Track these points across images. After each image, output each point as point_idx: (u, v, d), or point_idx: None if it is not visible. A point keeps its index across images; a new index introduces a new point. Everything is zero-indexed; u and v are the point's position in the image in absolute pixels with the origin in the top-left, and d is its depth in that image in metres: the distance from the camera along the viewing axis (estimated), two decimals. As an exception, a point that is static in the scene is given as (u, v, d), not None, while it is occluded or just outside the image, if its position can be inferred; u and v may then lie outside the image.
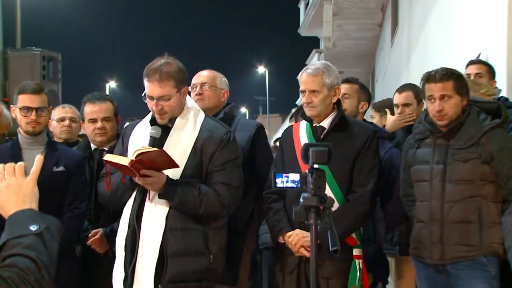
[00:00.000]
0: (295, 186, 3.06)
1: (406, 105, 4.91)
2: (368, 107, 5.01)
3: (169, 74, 3.59)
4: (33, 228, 1.84)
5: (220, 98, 4.50)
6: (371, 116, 5.83)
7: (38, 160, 2.12)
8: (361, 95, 4.84)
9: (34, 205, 1.98)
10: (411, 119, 4.78)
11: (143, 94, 3.67)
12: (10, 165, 2.04)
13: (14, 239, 1.82)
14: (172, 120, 3.68)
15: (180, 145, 3.63)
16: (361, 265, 3.89)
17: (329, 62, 4.31)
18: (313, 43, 24.41)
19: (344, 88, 4.72)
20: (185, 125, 3.69)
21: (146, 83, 3.63)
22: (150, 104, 3.64)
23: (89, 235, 4.26)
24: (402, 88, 5.05)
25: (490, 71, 5.16)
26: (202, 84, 4.41)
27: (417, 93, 4.88)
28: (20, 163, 2.07)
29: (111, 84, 45.41)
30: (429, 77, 3.85)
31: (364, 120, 4.84)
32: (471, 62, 5.32)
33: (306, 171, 3.00)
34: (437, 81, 3.81)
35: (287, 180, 3.05)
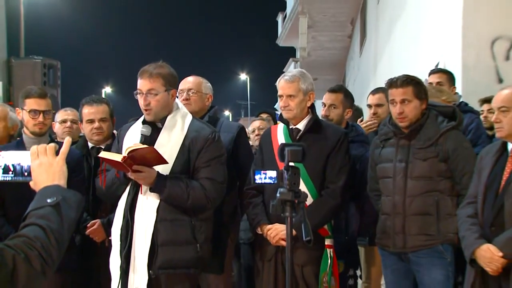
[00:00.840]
0: (272, 182, 3.08)
1: (378, 105, 4.92)
2: (352, 112, 4.97)
3: (160, 74, 3.63)
4: (49, 200, 1.86)
5: (205, 102, 4.49)
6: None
7: (67, 141, 2.16)
8: (346, 103, 4.75)
9: (62, 181, 2.00)
10: (374, 126, 4.81)
11: (135, 92, 3.69)
12: (42, 146, 2.07)
13: (32, 211, 1.85)
14: (163, 121, 3.68)
15: (170, 143, 3.63)
16: (332, 254, 3.89)
17: (304, 70, 4.32)
18: (290, 52, 24.44)
19: (330, 99, 4.70)
20: (174, 125, 3.68)
21: (138, 80, 3.66)
22: (140, 99, 3.65)
23: (88, 225, 4.23)
24: (376, 91, 5.06)
25: (450, 78, 5.16)
26: (189, 90, 4.40)
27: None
28: (51, 144, 2.10)
29: (107, 90, 45.13)
30: (391, 83, 3.89)
31: (347, 123, 4.82)
32: (432, 72, 5.32)
33: (283, 168, 3.01)
34: (398, 87, 3.84)
35: (265, 177, 3.06)
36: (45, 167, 2.02)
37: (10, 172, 2.13)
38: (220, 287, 4.30)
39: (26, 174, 2.11)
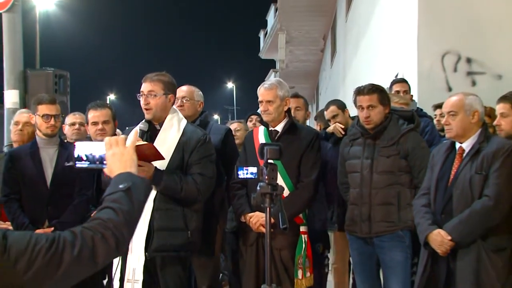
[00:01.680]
0: (253, 177, 3.06)
1: (334, 117, 4.91)
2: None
3: (160, 80, 3.63)
4: (121, 186, 1.84)
5: (197, 108, 4.48)
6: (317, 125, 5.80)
7: (134, 132, 2.16)
8: (306, 106, 4.85)
9: (133, 169, 1.97)
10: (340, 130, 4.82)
11: (137, 94, 3.67)
12: (114, 137, 2.04)
13: (107, 196, 1.83)
14: (161, 123, 3.66)
15: (167, 142, 3.61)
16: (306, 239, 3.89)
17: (282, 79, 4.31)
18: (271, 64, 24.35)
19: (296, 102, 4.72)
20: (171, 127, 3.66)
21: (142, 85, 3.64)
22: (141, 100, 3.64)
23: (92, 214, 4.18)
24: (327, 106, 5.02)
25: (409, 87, 5.23)
26: (183, 97, 4.39)
27: (339, 105, 4.91)
28: (122, 136, 2.08)
29: (111, 97, 44.81)
30: (359, 91, 3.91)
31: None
32: (398, 81, 5.36)
33: (262, 165, 3.00)
34: (364, 94, 3.86)
35: (247, 172, 3.04)
36: (118, 157, 1.99)
37: (84, 161, 2.14)
38: (209, 267, 4.28)
39: (98, 162, 2.11)
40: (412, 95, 5.25)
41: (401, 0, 7.13)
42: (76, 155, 2.15)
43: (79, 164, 2.15)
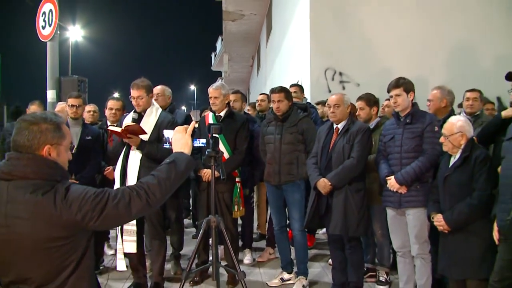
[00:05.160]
0: (203, 145, 2.93)
1: (262, 100, 4.93)
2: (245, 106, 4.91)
3: (143, 86, 3.47)
4: (168, 160, 1.69)
5: (167, 100, 4.32)
6: (248, 110, 5.69)
7: (192, 124, 1.95)
8: (243, 99, 4.67)
9: (186, 150, 1.78)
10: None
11: (130, 96, 3.53)
12: (179, 127, 1.87)
13: (158, 167, 1.66)
14: (145, 111, 3.50)
15: (148, 124, 3.46)
16: (239, 186, 3.83)
17: (225, 83, 4.19)
18: (218, 74, 24.09)
19: (234, 96, 4.55)
20: (151, 114, 3.50)
21: (131, 90, 3.49)
22: (133, 101, 3.49)
23: (105, 169, 4.10)
24: (260, 94, 4.98)
25: (301, 89, 5.17)
26: (157, 94, 4.23)
27: (268, 95, 4.83)
28: (184, 126, 1.88)
29: (115, 95, 42.86)
30: (272, 90, 3.83)
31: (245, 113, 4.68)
32: (291, 85, 5.32)
33: (210, 137, 2.87)
34: (276, 92, 3.77)
35: (200, 142, 2.91)
36: (178, 140, 1.82)
37: (168, 143, 2.00)
38: (175, 204, 4.12)
39: (170, 144, 1.92)
40: (303, 94, 5.25)
41: (299, 34, 7.11)
42: (165, 138, 2.00)
43: (165, 146, 1.99)
